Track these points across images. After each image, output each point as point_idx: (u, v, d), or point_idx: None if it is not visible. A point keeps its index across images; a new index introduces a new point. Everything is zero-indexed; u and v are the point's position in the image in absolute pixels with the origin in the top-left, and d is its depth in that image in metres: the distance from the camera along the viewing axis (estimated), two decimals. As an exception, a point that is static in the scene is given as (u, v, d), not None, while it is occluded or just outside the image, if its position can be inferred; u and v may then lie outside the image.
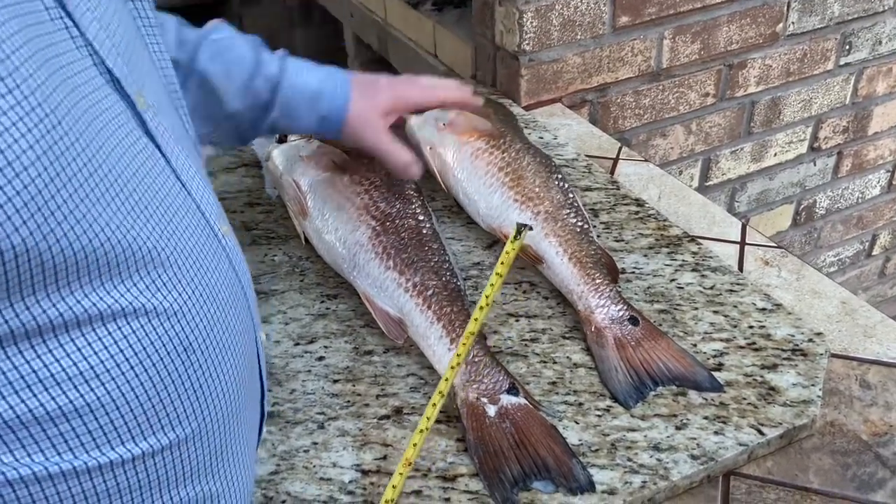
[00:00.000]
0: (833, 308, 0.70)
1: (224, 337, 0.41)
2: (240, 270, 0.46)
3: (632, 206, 0.83)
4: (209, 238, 0.42)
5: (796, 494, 0.55)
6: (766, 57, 1.22)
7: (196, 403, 0.39)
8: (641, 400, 0.60)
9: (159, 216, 0.38)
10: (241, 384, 0.43)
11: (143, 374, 0.36)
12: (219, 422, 0.41)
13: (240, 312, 0.44)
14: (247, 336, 0.45)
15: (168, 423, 0.38)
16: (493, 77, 1.11)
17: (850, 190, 1.50)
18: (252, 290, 0.49)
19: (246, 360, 0.44)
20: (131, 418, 0.36)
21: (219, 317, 0.41)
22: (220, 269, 0.42)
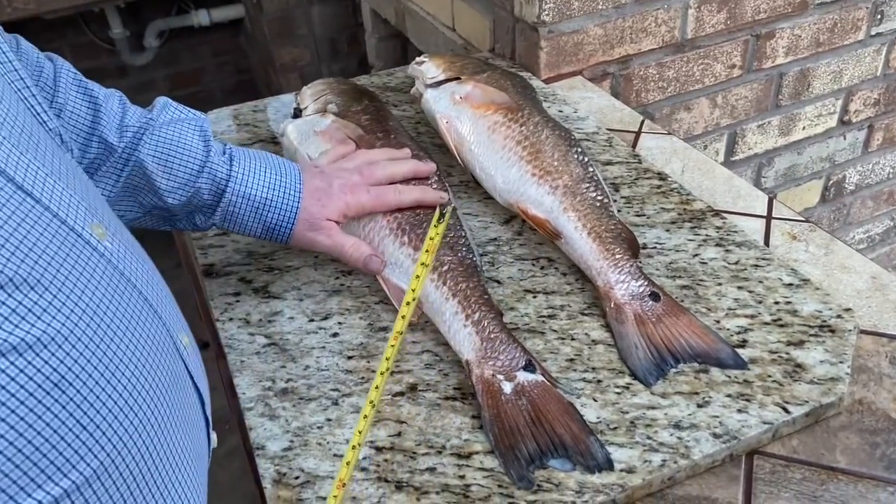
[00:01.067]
0: (863, 283, 0.68)
1: (115, 357, 0.36)
2: (133, 274, 0.41)
3: (654, 179, 0.80)
4: (76, 248, 0.37)
5: (822, 474, 0.53)
6: (794, 27, 1.18)
7: (89, 441, 0.34)
8: (662, 377, 0.58)
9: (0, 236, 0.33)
10: (156, 401, 0.39)
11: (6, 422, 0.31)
12: (130, 451, 0.36)
13: (138, 322, 0.39)
14: (156, 345, 0.40)
15: (56, 469, 0.33)
16: (512, 50, 1.08)
17: (880, 165, 1.46)
18: (160, 291, 0.44)
19: (160, 373, 0.40)
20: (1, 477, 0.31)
21: (101, 336, 0.36)
22: (97, 280, 0.37)
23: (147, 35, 2.48)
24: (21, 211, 0.35)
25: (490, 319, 0.61)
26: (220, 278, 0.72)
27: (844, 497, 0.51)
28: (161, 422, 0.39)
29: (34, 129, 0.42)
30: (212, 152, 0.65)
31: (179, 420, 0.42)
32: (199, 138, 0.65)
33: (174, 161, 0.63)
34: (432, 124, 0.87)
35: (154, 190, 0.64)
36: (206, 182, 0.64)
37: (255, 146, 0.92)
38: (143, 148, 0.63)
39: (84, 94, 0.62)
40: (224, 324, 0.67)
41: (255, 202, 0.65)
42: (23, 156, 0.38)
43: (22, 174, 0.37)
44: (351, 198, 0.67)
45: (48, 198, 0.37)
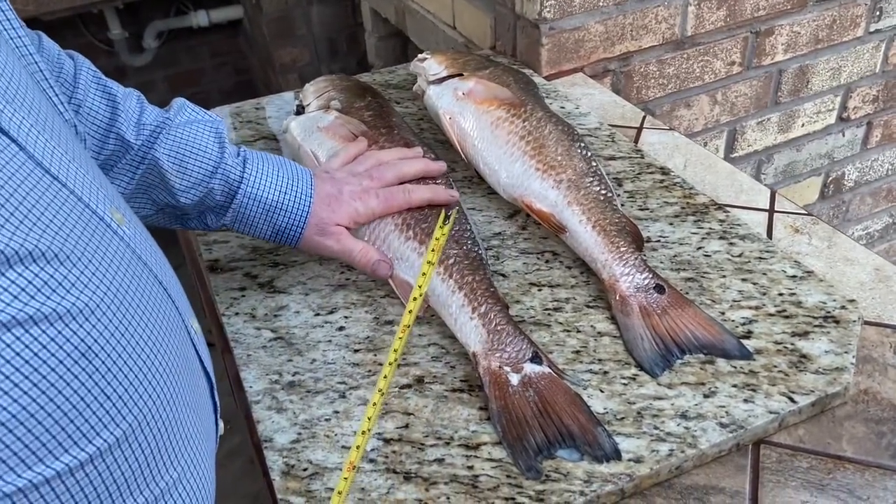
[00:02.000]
0: (866, 275, 0.68)
1: (136, 333, 0.38)
2: (149, 259, 0.42)
3: (657, 174, 0.81)
4: (99, 230, 0.38)
5: (829, 463, 0.53)
6: (794, 23, 1.19)
7: (112, 411, 0.36)
8: (668, 368, 0.59)
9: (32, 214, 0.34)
10: (170, 380, 0.40)
11: (38, 387, 0.32)
12: (148, 423, 0.38)
13: (155, 304, 0.41)
14: (170, 327, 0.42)
15: (82, 435, 0.34)
16: (514, 47, 1.09)
17: (879, 161, 1.46)
18: (172, 277, 0.45)
19: (174, 354, 0.41)
20: (32, 439, 0.32)
21: (124, 312, 0.37)
22: (118, 261, 0.39)
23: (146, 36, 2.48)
24: (49, 193, 0.36)
25: (496, 312, 0.61)
26: (225, 273, 0.72)
27: (851, 486, 0.52)
28: (175, 400, 0.40)
29: (55, 118, 0.43)
30: (226, 154, 0.65)
31: (191, 401, 0.42)
32: (214, 139, 0.66)
33: (189, 161, 0.64)
34: (435, 121, 0.87)
35: (168, 188, 0.64)
36: (220, 183, 0.65)
37: (257, 143, 0.92)
38: (159, 147, 0.63)
39: (103, 91, 0.63)
40: (230, 318, 0.67)
41: (266, 205, 0.66)
42: (48, 141, 0.39)
43: (48, 157, 0.38)
44: (361, 204, 0.68)
45: (72, 182, 0.39)
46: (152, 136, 0.64)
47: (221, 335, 0.68)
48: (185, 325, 0.45)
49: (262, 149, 0.91)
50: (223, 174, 0.65)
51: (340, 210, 0.67)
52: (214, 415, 0.48)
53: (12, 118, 0.37)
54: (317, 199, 0.67)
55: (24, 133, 0.37)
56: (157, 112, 0.66)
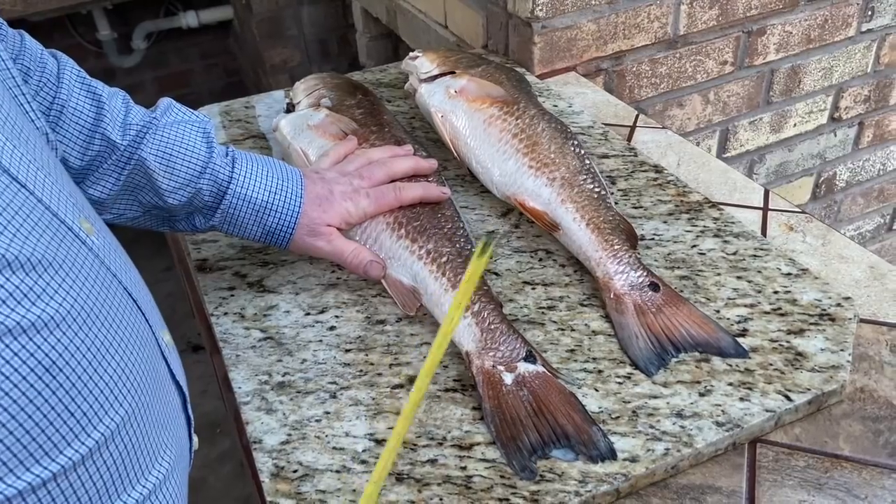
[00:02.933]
0: (861, 273, 0.68)
1: (103, 346, 0.36)
2: (118, 270, 0.41)
3: (650, 172, 0.80)
4: (66, 239, 0.37)
5: (826, 461, 0.53)
6: (785, 23, 1.19)
7: (77, 427, 0.34)
8: (663, 367, 0.58)
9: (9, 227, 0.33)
10: (138, 395, 0.38)
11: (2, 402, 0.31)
12: (115, 439, 0.36)
13: (123, 316, 0.39)
14: (138, 340, 0.40)
15: (44, 454, 0.33)
16: (506, 46, 1.08)
17: (870, 161, 1.46)
18: (142, 289, 0.44)
19: (142, 368, 0.40)
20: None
21: (91, 325, 0.36)
22: (86, 271, 0.37)
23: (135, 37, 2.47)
24: (17, 200, 0.35)
25: (490, 310, 0.60)
26: (214, 273, 0.71)
27: (849, 484, 0.51)
28: (144, 415, 0.39)
29: (25, 124, 0.42)
30: (214, 154, 0.64)
31: (161, 416, 0.41)
32: (202, 139, 0.64)
33: (176, 161, 0.63)
34: (427, 119, 0.87)
35: (155, 189, 0.63)
36: (208, 183, 0.64)
37: (246, 142, 0.91)
38: (146, 147, 0.62)
39: (87, 91, 0.61)
40: (218, 318, 0.66)
41: (255, 205, 0.65)
42: (15, 149, 0.37)
43: (16, 166, 0.36)
44: (352, 204, 0.67)
45: (40, 190, 0.37)
46: (138, 136, 0.62)
47: (210, 336, 0.67)
48: (155, 337, 0.43)
49: (252, 147, 0.90)
50: (211, 174, 0.64)
51: (331, 210, 0.66)
52: (188, 429, 0.47)
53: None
54: (307, 200, 0.66)
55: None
56: (144, 112, 0.64)
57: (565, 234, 0.69)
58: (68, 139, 0.60)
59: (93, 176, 0.62)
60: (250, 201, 0.64)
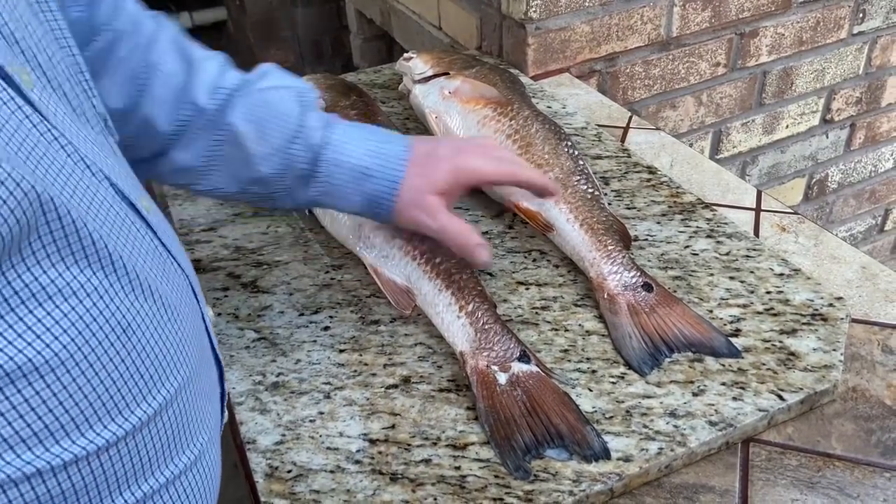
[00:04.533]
0: (853, 273, 0.68)
1: (163, 317, 0.38)
2: (170, 246, 0.43)
3: (643, 173, 0.80)
4: (129, 216, 0.39)
5: (818, 461, 0.53)
6: (778, 25, 1.19)
7: (144, 388, 0.36)
8: (657, 366, 0.58)
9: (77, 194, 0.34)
10: (192, 364, 0.40)
11: (84, 359, 0.33)
12: (174, 404, 0.38)
13: (179, 291, 0.41)
14: (191, 315, 0.42)
15: (118, 412, 0.35)
16: (500, 47, 1.08)
17: (862, 163, 1.47)
18: (190, 266, 0.45)
19: (194, 340, 0.41)
20: (78, 412, 0.33)
21: (154, 296, 0.38)
22: (147, 246, 0.39)
23: (128, 38, 2.46)
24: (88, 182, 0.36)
25: (484, 310, 0.60)
26: (208, 273, 0.71)
27: (841, 483, 0.51)
28: (194, 383, 0.41)
29: (88, 109, 0.43)
30: (308, 118, 0.59)
31: (205, 386, 0.43)
32: (296, 104, 0.59)
33: (267, 125, 0.58)
34: (421, 120, 0.87)
35: (247, 158, 0.58)
36: (301, 148, 0.58)
37: (241, 143, 0.91)
38: (235, 110, 0.58)
39: (180, 53, 0.58)
40: (213, 318, 0.65)
41: (353, 170, 0.58)
42: (85, 134, 0.39)
43: (90, 153, 0.38)
44: (461, 160, 0.59)
45: (111, 174, 0.39)
46: (228, 99, 0.58)
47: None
48: (201, 313, 0.45)
49: (246, 148, 0.90)
50: (304, 139, 0.58)
51: (435, 172, 0.59)
52: (221, 402, 0.48)
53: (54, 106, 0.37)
54: (411, 162, 0.59)
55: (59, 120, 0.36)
56: (239, 76, 0.60)
57: (559, 235, 0.69)
58: (157, 102, 0.57)
59: (182, 140, 0.58)
60: (347, 165, 0.58)
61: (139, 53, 0.57)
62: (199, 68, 0.58)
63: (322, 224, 0.74)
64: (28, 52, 0.36)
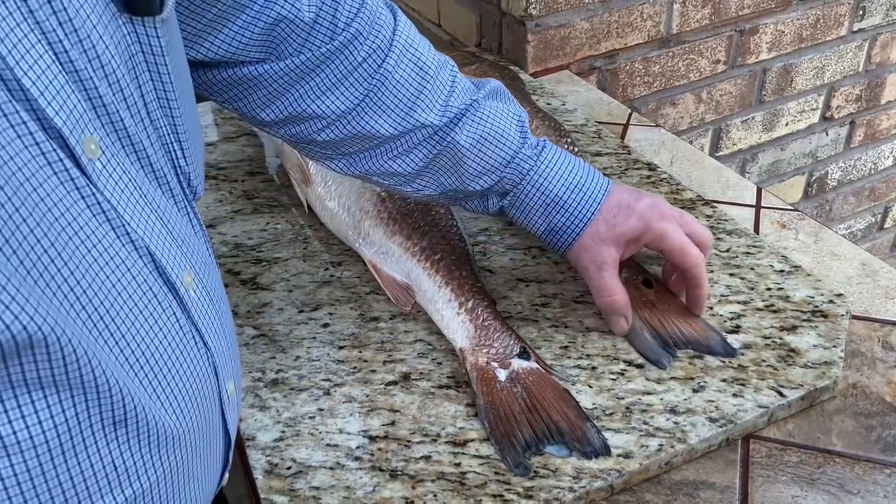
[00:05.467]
0: (853, 270, 0.68)
1: (159, 405, 0.36)
2: (204, 324, 0.39)
3: (643, 170, 0.80)
4: (160, 293, 0.36)
5: (819, 457, 0.53)
6: (778, 22, 1.19)
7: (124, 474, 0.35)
8: (673, 358, 0.58)
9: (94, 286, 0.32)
10: (186, 447, 0.38)
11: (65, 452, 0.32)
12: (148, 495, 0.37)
13: (194, 374, 0.39)
14: (202, 396, 0.40)
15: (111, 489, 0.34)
16: (499, 44, 1.08)
17: (862, 161, 1.47)
18: (223, 338, 0.42)
19: (197, 422, 0.39)
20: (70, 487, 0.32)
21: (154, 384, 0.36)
22: (167, 329, 0.37)
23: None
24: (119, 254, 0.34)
25: (484, 307, 0.60)
26: (207, 270, 0.71)
27: (842, 479, 0.51)
28: (188, 467, 0.39)
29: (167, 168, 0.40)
30: (526, 144, 0.60)
31: (204, 463, 0.41)
32: (517, 128, 0.60)
33: (488, 147, 0.58)
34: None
35: (460, 173, 0.59)
36: (512, 172, 0.59)
37: (239, 139, 0.91)
38: (462, 130, 0.58)
39: (415, 62, 0.57)
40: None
41: (549, 198, 0.59)
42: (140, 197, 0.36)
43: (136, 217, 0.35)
44: (655, 219, 0.58)
45: (155, 241, 0.36)
46: (457, 118, 0.58)
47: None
48: (218, 391, 0.42)
49: (245, 145, 0.90)
50: (517, 164, 0.59)
51: (625, 224, 0.58)
52: (222, 471, 0.46)
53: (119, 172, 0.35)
54: (605, 208, 0.59)
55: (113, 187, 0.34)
56: (468, 91, 0.59)
57: (559, 232, 0.69)
58: (384, 111, 0.56)
59: (400, 148, 0.58)
60: (544, 192, 0.59)
61: (375, 58, 0.55)
62: (432, 81, 0.57)
63: (322, 221, 0.74)
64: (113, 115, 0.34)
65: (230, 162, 0.86)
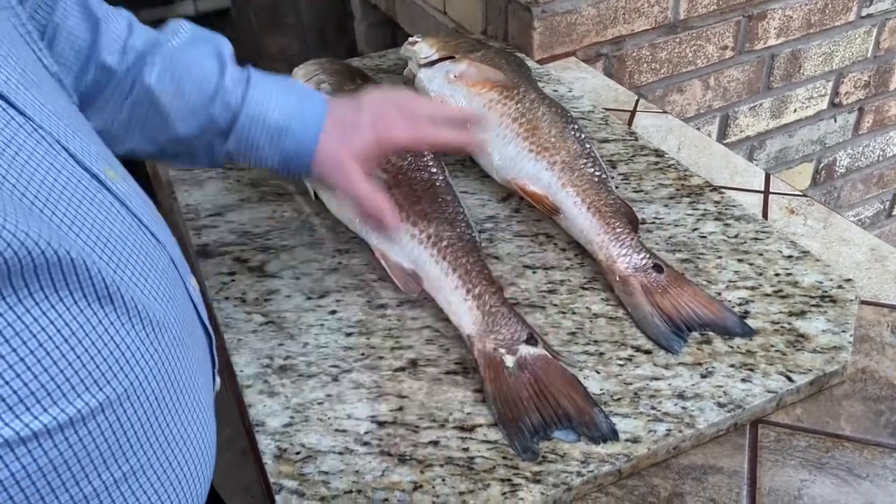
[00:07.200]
0: (862, 255, 0.68)
1: (135, 287, 0.37)
2: (143, 215, 0.41)
3: (651, 156, 0.80)
4: (91, 186, 0.38)
5: (827, 441, 0.53)
6: (786, 7, 1.18)
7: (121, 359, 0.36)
8: (684, 343, 0.58)
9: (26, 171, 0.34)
10: (172, 333, 0.40)
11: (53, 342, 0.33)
12: (155, 374, 0.38)
13: (155, 260, 0.40)
14: (171, 283, 0.41)
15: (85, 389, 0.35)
16: (505, 31, 1.07)
17: (870, 147, 1.46)
18: (168, 234, 0.44)
19: (177, 309, 0.41)
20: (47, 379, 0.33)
21: (125, 266, 0.37)
22: (113, 217, 0.38)
23: (132, 26, 2.45)
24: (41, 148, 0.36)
25: (491, 294, 0.60)
26: (215, 258, 0.71)
27: (850, 464, 0.51)
28: (180, 353, 0.40)
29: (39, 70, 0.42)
30: (227, 76, 0.58)
31: (193, 355, 0.42)
32: (213, 60, 0.58)
33: (183, 84, 0.57)
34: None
35: (164, 119, 0.57)
36: (220, 108, 0.58)
37: (246, 128, 0.91)
38: (150, 71, 0.56)
39: (84, 11, 0.56)
40: (220, 303, 0.66)
41: (271, 127, 0.58)
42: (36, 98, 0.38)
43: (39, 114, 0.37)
44: (383, 131, 0.59)
45: (69, 143, 0.38)
46: (140, 59, 0.57)
47: (212, 320, 0.67)
48: (183, 281, 0.44)
49: (252, 133, 0.90)
50: (223, 98, 0.58)
51: (356, 138, 0.59)
52: (212, 370, 0.48)
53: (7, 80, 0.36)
54: (329, 123, 0.59)
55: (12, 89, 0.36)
56: (149, 33, 0.59)
57: (566, 218, 0.68)
58: (63, 64, 0.55)
59: (94, 105, 0.57)
60: (264, 123, 0.58)
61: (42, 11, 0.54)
62: (105, 27, 0.57)
63: (329, 208, 0.74)
64: None
65: (236, 150, 0.86)
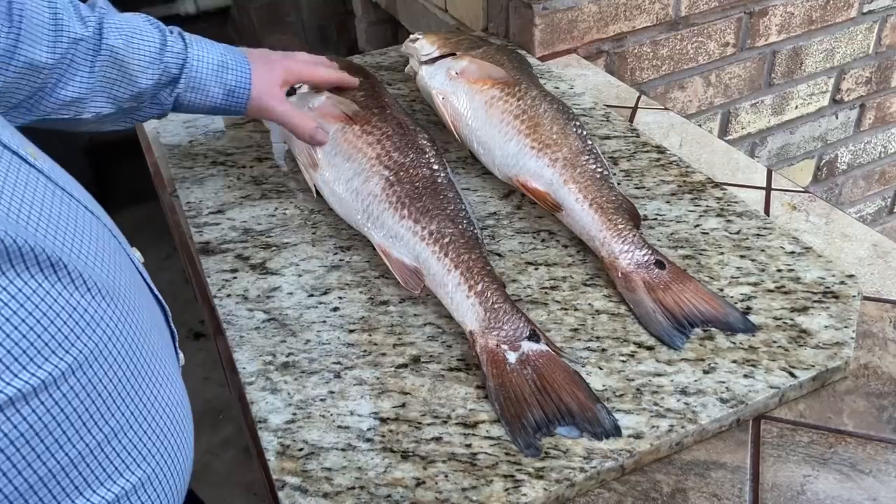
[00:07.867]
0: (864, 251, 0.68)
1: (77, 258, 0.38)
2: (73, 190, 0.42)
3: (652, 153, 0.80)
4: (13, 163, 0.38)
5: (830, 437, 0.53)
6: (787, 4, 1.18)
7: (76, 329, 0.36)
8: (687, 339, 0.58)
9: None
10: (125, 300, 0.40)
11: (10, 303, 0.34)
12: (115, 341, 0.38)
13: (94, 232, 0.41)
14: (115, 254, 0.42)
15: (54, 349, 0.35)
16: (506, 28, 1.07)
17: (872, 144, 1.46)
18: (100, 209, 0.45)
19: (126, 278, 0.41)
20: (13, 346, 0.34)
21: (68, 237, 0.38)
22: (42, 194, 0.39)
23: (132, 25, 2.45)
24: None
25: (493, 290, 0.60)
26: (217, 256, 0.71)
27: (853, 459, 0.51)
28: (137, 319, 0.40)
29: None
30: (165, 31, 0.69)
31: (150, 321, 0.43)
32: (146, 22, 0.69)
33: (138, 40, 0.67)
34: (428, 101, 0.86)
35: (127, 75, 0.67)
36: (170, 56, 0.68)
37: (246, 125, 0.91)
38: (109, 32, 0.65)
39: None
40: (222, 300, 0.66)
41: (214, 65, 0.70)
42: None
43: None
44: (291, 63, 0.75)
45: None
46: (99, 24, 0.65)
47: (214, 318, 0.67)
48: (126, 253, 0.44)
49: (252, 131, 0.90)
50: (171, 48, 0.68)
51: (276, 67, 0.73)
52: (173, 342, 0.48)
53: None
54: (253, 59, 0.72)
55: None
56: (87, 5, 0.67)
57: (568, 215, 0.68)
58: (35, 39, 0.61)
59: (67, 74, 0.64)
60: (208, 61, 0.70)
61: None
62: (61, 3, 0.63)
63: (330, 205, 0.74)
64: None
65: (238, 148, 0.86)
